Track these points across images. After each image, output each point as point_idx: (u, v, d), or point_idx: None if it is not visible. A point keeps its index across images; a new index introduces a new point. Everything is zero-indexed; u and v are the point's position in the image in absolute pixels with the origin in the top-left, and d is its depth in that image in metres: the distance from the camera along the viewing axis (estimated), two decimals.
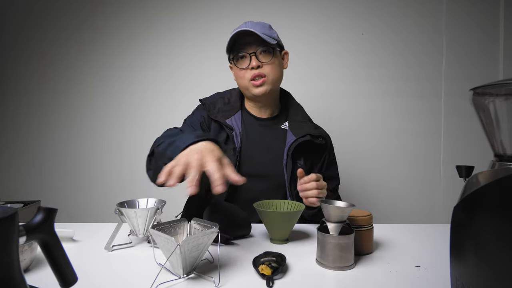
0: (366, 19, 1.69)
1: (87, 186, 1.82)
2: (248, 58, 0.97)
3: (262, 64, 0.97)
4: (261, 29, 0.97)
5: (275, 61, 1.00)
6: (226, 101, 1.07)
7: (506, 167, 0.43)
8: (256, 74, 0.96)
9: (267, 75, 0.98)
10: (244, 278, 0.57)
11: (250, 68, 0.97)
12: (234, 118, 1.03)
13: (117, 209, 0.73)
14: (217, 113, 1.03)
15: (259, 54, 0.97)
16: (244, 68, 0.98)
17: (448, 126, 1.67)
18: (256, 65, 0.96)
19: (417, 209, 1.70)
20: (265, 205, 0.82)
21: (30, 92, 1.83)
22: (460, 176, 0.53)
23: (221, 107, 1.05)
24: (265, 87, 0.98)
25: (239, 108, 1.06)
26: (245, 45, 0.97)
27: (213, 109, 1.04)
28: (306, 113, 1.10)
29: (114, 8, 1.78)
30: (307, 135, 0.99)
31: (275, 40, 0.99)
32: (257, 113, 1.07)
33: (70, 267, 0.41)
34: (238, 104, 1.06)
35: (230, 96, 1.09)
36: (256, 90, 0.98)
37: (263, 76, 0.97)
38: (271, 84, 0.99)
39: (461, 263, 0.43)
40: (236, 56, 0.99)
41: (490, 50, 1.65)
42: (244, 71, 0.98)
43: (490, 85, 0.44)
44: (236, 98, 1.08)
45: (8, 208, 0.33)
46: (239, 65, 0.99)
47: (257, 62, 0.96)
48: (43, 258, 0.64)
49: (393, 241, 0.77)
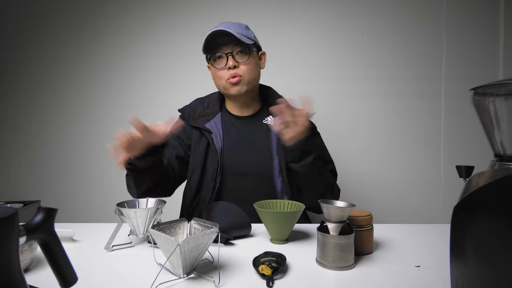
0: (366, 19, 1.69)
1: (87, 186, 1.82)
2: (225, 58, 0.98)
3: (239, 64, 0.98)
4: (237, 29, 0.98)
5: (251, 61, 1.00)
6: (206, 106, 1.09)
7: (506, 167, 0.43)
8: (232, 75, 0.98)
9: (243, 75, 0.99)
10: (244, 278, 0.57)
11: (227, 68, 0.98)
12: (213, 121, 1.05)
13: (117, 209, 0.73)
14: (197, 118, 1.05)
15: (236, 54, 0.98)
16: (221, 68, 0.99)
17: (448, 126, 1.67)
18: (233, 65, 0.97)
19: (417, 209, 1.70)
20: (265, 205, 0.82)
21: (30, 92, 1.83)
22: (460, 176, 0.53)
23: (201, 112, 1.07)
24: (241, 87, 0.99)
25: (219, 110, 1.07)
26: (221, 45, 0.98)
27: (193, 116, 1.06)
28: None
29: (114, 9, 1.78)
30: None
31: (252, 41, 1.00)
32: (239, 112, 1.08)
33: (70, 267, 0.41)
34: (217, 107, 1.08)
35: (210, 99, 1.11)
36: (233, 90, 0.99)
37: (239, 75, 0.98)
38: (247, 84, 1.00)
39: (461, 263, 0.43)
40: (213, 56, 1.00)
41: (490, 50, 1.64)
42: (221, 71, 1.00)
43: (490, 85, 0.44)
44: (216, 101, 1.10)
45: (8, 208, 0.33)
46: (216, 65, 1.00)
47: (234, 62, 0.98)
48: (43, 258, 0.64)
49: (393, 241, 0.77)
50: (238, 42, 0.97)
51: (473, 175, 0.46)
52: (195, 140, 1.05)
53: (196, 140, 1.05)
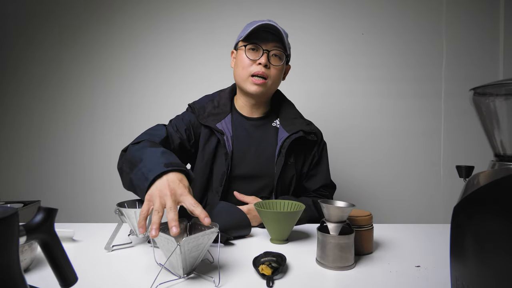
0: (366, 19, 1.69)
1: (87, 186, 1.82)
2: (260, 53, 0.95)
3: (270, 65, 0.96)
4: (284, 32, 0.96)
5: (281, 68, 0.99)
6: (216, 104, 1.04)
7: (506, 167, 0.43)
8: (260, 72, 0.94)
9: (269, 78, 0.96)
10: (244, 278, 0.57)
11: (257, 63, 0.95)
12: (224, 121, 1.01)
13: (117, 209, 0.73)
14: (207, 117, 1.00)
15: (272, 55, 0.96)
16: (253, 59, 0.96)
17: (448, 126, 1.67)
18: (265, 63, 0.94)
19: (417, 209, 1.70)
20: (265, 205, 0.82)
21: (30, 92, 1.83)
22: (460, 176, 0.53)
23: (211, 111, 1.02)
24: (262, 89, 0.97)
25: (229, 111, 1.03)
26: (264, 39, 0.95)
27: (202, 114, 1.01)
28: (297, 110, 1.09)
29: (114, 9, 1.78)
30: (300, 131, 0.99)
31: (288, 51, 0.99)
32: (248, 112, 1.05)
33: (70, 267, 0.41)
34: (228, 107, 1.04)
35: (220, 98, 1.06)
36: (252, 88, 0.96)
37: (265, 77, 0.96)
38: (268, 88, 0.99)
39: (461, 263, 0.43)
40: (250, 45, 0.96)
41: (490, 50, 1.65)
42: (251, 62, 0.96)
43: (490, 85, 0.44)
44: (226, 100, 1.05)
45: (8, 208, 0.33)
46: (249, 54, 0.96)
47: (267, 61, 0.95)
48: (43, 258, 0.64)
49: (393, 241, 0.77)
50: (280, 45, 0.95)
51: (473, 175, 0.46)
52: (204, 139, 1.00)
53: (205, 139, 1.00)
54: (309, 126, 1.04)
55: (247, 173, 0.99)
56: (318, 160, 1.06)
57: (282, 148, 0.98)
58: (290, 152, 1.00)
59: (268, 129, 1.04)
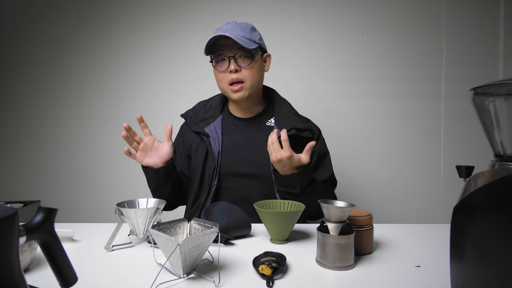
0: (366, 19, 1.69)
1: (87, 186, 1.82)
2: (227, 60, 0.96)
3: (241, 68, 0.97)
4: (241, 31, 0.96)
5: (254, 65, 0.98)
6: (207, 109, 1.09)
7: (506, 167, 0.43)
8: (234, 79, 0.96)
9: (245, 80, 0.97)
10: (244, 278, 0.57)
11: (229, 72, 0.96)
12: (213, 124, 1.05)
13: (117, 209, 0.73)
14: (198, 123, 1.06)
15: (238, 57, 0.96)
16: (223, 70, 0.98)
17: (448, 126, 1.67)
18: (234, 69, 0.96)
19: (417, 209, 1.70)
20: (265, 205, 0.82)
21: (30, 92, 1.83)
22: (460, 176, 0.53)
23: (202, 116, 1.07)
24: (243, 93, 0.98)
25: (220, 113, 1.07)
26: (225, 47, 0.96)
27: (194, 120, 1.07)
28: (292, 107, 1.10)
29: (113, 8, 1.78)
30: (292, 129, 0.99)
31: (256, 44, 0.97)
32: (241, 114, 1.07)
33: (70, 267, 0.41)
34: (218, 110, 1.08)
35: (213, 101, 1.11)
36: (234, 96, 0.98)
37: (241, 81, 0.97)
38: (249, 89, 0.99)
39: (461, 263, 0.43)
40: (216, 58, 0.99)
41: (490, 50, 1.64)
42: (223, 74, 0.98)
43: (490, 85, 0.44)
44: (218, 103, 1.09)
45: (8, 208, 0.33)
46: (218, 68, 0.99)
47: (236, 66, 0.96)
48: (43, 258, 0.64)
49: (393, 241, 0.77)
50: (240, 46, 0.95)
51: (473, 175, 0.46)
52: (196, 145, 1.06)
53: (197, 144, 1.06)
54: (303, 123, 1.04)
55: (240, 171, 1.01)
56: (316, 156, 1.05)
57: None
58: None
59: (261, 129, 1.05)
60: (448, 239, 0.46)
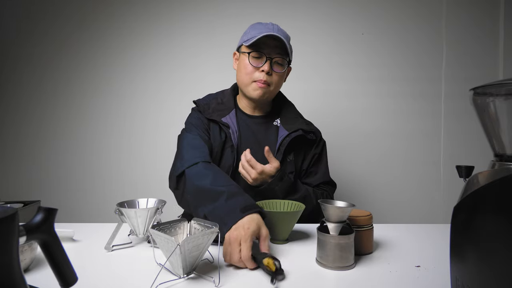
0: (366, 19, 1.69)
1: (87, 186, 1.82)
2: (263, 60, 0.96)
3: (273, 72, 0.98)
4: (286, 38, 0.97)
5: (283, 74, 1.01)
6: (220, 101, 1.07)
7: (506, 167, 0.43)
8: (263, 80, 0.96)
9: (272, 84, 0.99)
10: (244, 278, 0.57)
11: (260, 71, 0.97)
12: (229, 116, 1.03)
13: (117, 209, 0.73)
14: (212, 112, 1.03)
15: (275, 61, 0.98)
16: (256, 66, 0.97)
17: (448, 126, 1.67)
18: (268, 70, 0.96)
19: (417, 209, 1.70)
20: (265, 205, 0.82)
21: (30, 92, 1.83)
22: (460, 176, 0.53)
23: (216, 107, 1.05)
24: (265, 94, 0.99)
25: (233, 107, 1.06)
26: (267, 46, 0.96)
27: (207, 109, 1.04)
28: (297, 110, 1.12)
29: (114, 7, 1.78)
30: (299, 130, 1.01)
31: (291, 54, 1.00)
32: (250, 111, 1.08)
33: (70, 267, 0.41)
34: (231, 103, 1.06)
35: (223, 96, 1.09)
36: (254, 93, 0.99)
37: (268, 84, 0.98)
38: (271, 93, 1.01)
39: (461, 263, 0.43)
40: (254, 52, 0.97)
41: (490, 50, 1.64)
42: (254, 69, 0.97)
43: (490, 85, 0.44)
44: (230, 97, 1.08)
45: (8, 208, 0.33)
46: (252, 61, 0.97)
47: (269, 68, 0.96)
48: (43, 258, 0.64)
49: (393, 241, 0.77)
50: (283, 52, 0.96)
51: (473, 175, 0.46)
52: (213, 134, 1.02)
53: (214, 134, 1.02)
54: (308, 125, 1.07)
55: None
56: (317, 158, 1.07)
57: (281, 145, 1.00)
58: (290, 150, 1.02)
59: (269, 127, 1.06)
60: (448, 239, 0.46)
